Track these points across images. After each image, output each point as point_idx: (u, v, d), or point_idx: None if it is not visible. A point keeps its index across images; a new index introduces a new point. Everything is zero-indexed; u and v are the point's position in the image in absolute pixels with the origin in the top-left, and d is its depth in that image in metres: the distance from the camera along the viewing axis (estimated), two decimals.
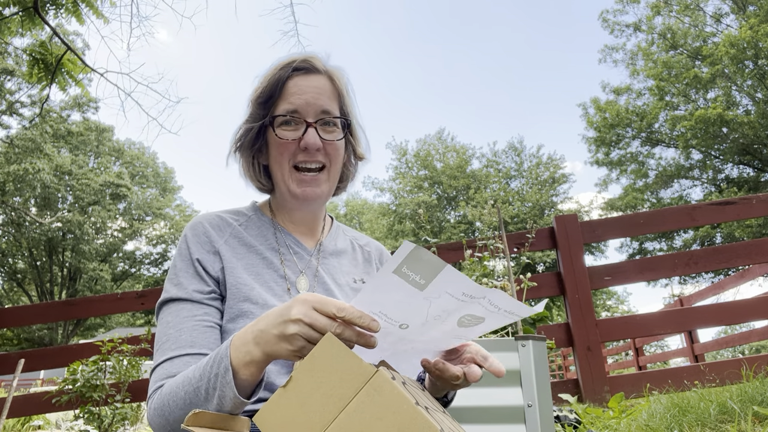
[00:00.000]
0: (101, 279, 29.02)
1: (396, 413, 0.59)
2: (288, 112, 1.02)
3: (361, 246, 1.23)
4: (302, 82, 1.04)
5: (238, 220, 1.11)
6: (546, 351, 1.70)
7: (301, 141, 1.03)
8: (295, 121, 1.03)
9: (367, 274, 1.18)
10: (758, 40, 19.73)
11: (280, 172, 1.06)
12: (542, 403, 1.52)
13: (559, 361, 12.74)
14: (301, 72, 1.05)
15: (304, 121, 1.03)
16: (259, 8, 13.08)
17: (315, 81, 1.05)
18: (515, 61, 58.39)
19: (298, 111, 1.03)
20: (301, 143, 1.03)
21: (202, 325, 0.96)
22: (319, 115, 1.04)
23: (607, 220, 3.93)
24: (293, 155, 1.04)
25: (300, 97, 1.03)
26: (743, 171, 23.21)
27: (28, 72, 5.19)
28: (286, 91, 1.04)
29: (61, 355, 4.24)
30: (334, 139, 1.06)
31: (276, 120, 1.04)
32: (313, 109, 1.03)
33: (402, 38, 62.64)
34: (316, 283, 1.08)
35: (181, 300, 0.98)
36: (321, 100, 1.04)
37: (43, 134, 23.09)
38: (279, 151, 1.04)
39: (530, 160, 31.81)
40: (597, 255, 29.81)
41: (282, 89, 1.04)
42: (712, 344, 5.98)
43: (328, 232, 1.19)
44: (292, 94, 1.03)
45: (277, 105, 1.04)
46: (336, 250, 1.16)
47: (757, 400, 2.05)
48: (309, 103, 1.03)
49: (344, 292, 1.11)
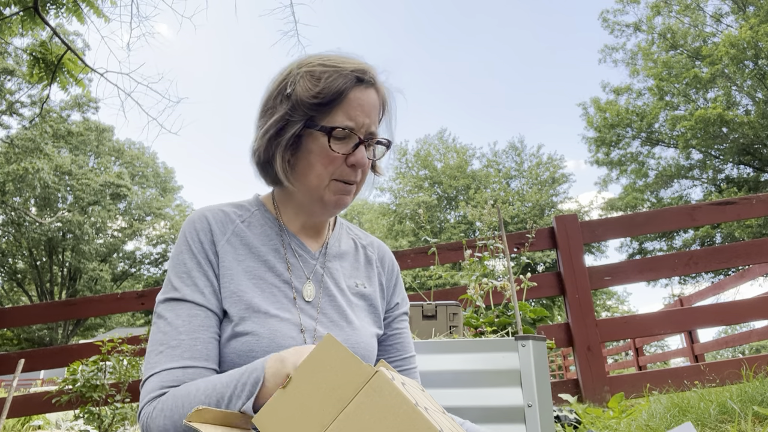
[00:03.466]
0: (101, 279, 29.03)
1: (396, 414, 0.59)
2: (347, 127, 0.99)
3: (363, 246, 1.20)
4: (363, 97, 1.00)
5: (241, 216, 1.07)
6: (546, 351, 1.70)
7: (349, 157, 1.00)
8: (348, 135, 1.00)
9: (368, 278, 1.16)
10: (758, 40, 19.72)
11: (317, 182, 1.01)
12: (542, 403, 1.52)
13: (559, 361, 12.74)
14: (363, 85, 1.01)
15: (357, 137, 1.00)
16: (259, 8, 13.07)
17: (372, 97, 1.02)
18: (516, 61, 58.42)
19: (354, 128, 1.00)
20: (350, 159, 1.00)
21: (215, 339, 0.94)
22: (368, 134, 1.02)
23: (607, 220, 3.93)
24: (338, 168, 1.01)
25: (359, 114, 0.99)
26: (743, 171, 23.21)
27: (29, 72, 5.19)
28: (347, 103, 0.99)
29: (61, 355, 4.24)
30: (372, 158, 1.05)
31: (333, 132, 0.99)
32: (366, 128, 1.01)
33: (402, 38, 62.68)
34: (321, 290, 1.06)
35: (196, 305, 0.94)
36: (373, 118, 1.02)
37: (43, 134, 23.07)
38: (323, 163, 1.00)
39: (530, 160, 31.82)
40: (597, 255, 29.82)
41: (343, 99, 0.99)
42: (712, 344, 5.98)
43: (332, 232, 1.16)
44: (353, 108, 0.99)
45: (335, 114, 0.99)
46: (339, 253, 1.14)
47: (757, 400, 2.05)
48: (365, 121, 1.00)
49: (346, 298, 1.08)
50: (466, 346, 1.74)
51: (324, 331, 1.01)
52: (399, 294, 1.21)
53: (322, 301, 1.05)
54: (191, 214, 1.05)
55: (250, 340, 0.93)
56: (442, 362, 1.72)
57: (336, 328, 1.03)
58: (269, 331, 0.95)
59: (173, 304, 0.94)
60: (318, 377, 0.62)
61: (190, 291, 0.95)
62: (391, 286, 1.20)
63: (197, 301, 0.94)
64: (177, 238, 1.12)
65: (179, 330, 0.91)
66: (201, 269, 0.97)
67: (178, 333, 0.91)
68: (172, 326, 0.92)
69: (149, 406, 0.86)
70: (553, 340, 3.24)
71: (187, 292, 0.95)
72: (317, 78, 0.99)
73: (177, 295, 0.95)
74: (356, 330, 1.05)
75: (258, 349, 0.93)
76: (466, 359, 1.70)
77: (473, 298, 2.67)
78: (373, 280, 1.17)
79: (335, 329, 1.03)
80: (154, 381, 0.88)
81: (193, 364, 0.89)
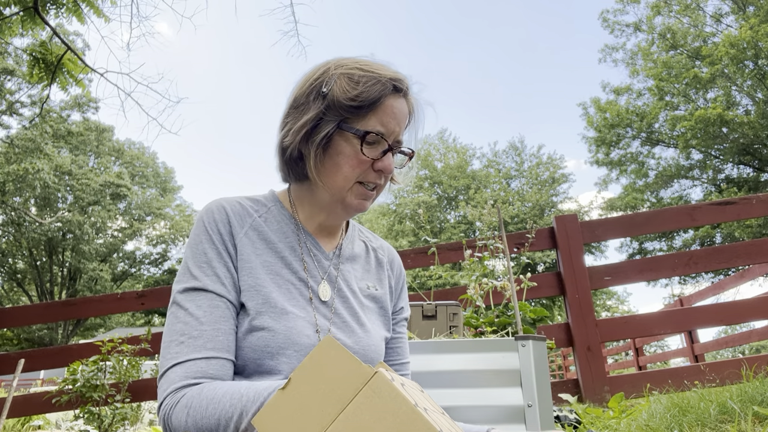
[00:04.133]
0: (101, 279, 29.03)
1: (395, 415, 0.59)
2: (379, 133, 1.00)
3: (374, 249, 1.21)
4: (397, 104, 1.02)
5: (258, 211, 1.07)
6: (546, 351, 1.70)
7: (377, 162, 1.01)
8: (378, 141, 1.02)
9: (379, 281, 1.17)
10: (758, 40, 19.72)
11: (342, 183, 1.02)
12: (542, 403, 1.52)
13: (559, 361, 12.74)
14: (398, 94, 1.03)
15: (387, 143, 1.02)
16: (259, 8, 13.08)
17: (403, 107, 1.04)
18: (516, 61, 58.42)
19: (385, 134, 1.01)
20: (377, 165, 1.01)
21: (234, 332, 0.94)
22: (395, 142, 1.03)
23: (607, 220, 3.93)
24: (364, 172, 1.02)
25: (391, 122, 1.01)
26: (743, 171, 23.21)
27: (29, 72, 5.19)
28: (382, 110, 1.00)
29: (61, 355, 4.24)
30: (398, 167, 1.08)
31: (367, 137, 1.00)
32: (395, 136, 1.03)
33: (402, 38, 62.68)
34: (335, 291, 1.06)
35: (217, 295, 0.94)
36: (402, 127, 1.04)
37: (43, 134, 23.07)
38: (352, 165, 1.01)
39: (530, 160, 31.83)
40: (597, 255, 29.82)
41: (379, 106, 1.00)
42: (712, 344, 5.98)
43: (346, 234, 1.17)
44: (386, 115, 1.01)
45: (369, 119, 1.00)
46: (352, 255, 1.15)
47: (757, 400, 2.05)
48: (396, 129, 1.02)
49: (359, 300, 1.09)
50: (466, 346, 1.74)
51: (338, 332, 1.02)
52: (403, 299, 1.22)
53: (336, 302, 1.05)
54: (208, 203, 1.05)
55: (265, 335, 0.93)
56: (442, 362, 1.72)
57: (349, 329, 1.04)
58: (285, 327, 0.94)
59: (194, 294, 0.94)
60: (317, 378, 0.62)
61: (210, 281, 0.94)
62: (398, 289, 1.21)
63: (218, 291, 0.94)
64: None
65: (201, 320, 0.91)
66: (221, 259, 0.97)
67: (199, 323, 0.91)
68: (192, 316, 0.92)
69: (172, 397, 0.85)
70: (553, 340, 3.24)
71: (208, 282, 0.94)
72: (356, 81, 0.99)
73: (198, 284, 0.94)
74: (368, 332, 1.06)
75: (273, 345, 0.93)
76: (466, 359, 1.70)
77: (473, 298, 2.67)
78: (384, 282, 1.18)
79: (348, 331, 1.04)
80: (178, 372, 0.87)
81: (215, 355, 0.89)
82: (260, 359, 0.92)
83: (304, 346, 0.95)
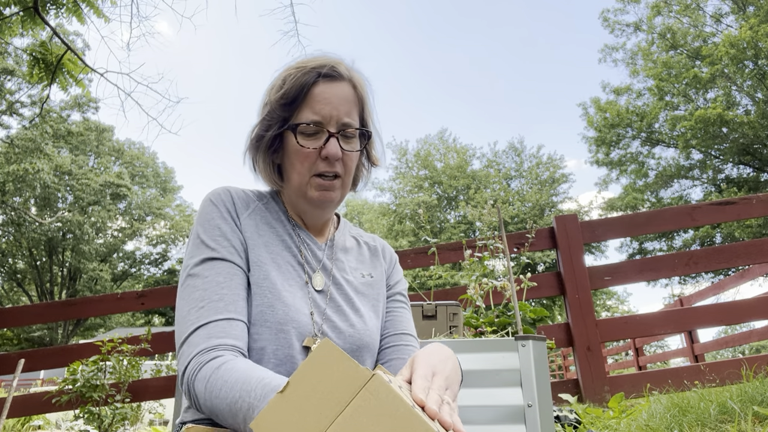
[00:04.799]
0: (101, 279, 29.03)
1: (393, 416, 0.59)
2: (312, 122, 1.01)
3: (366, 242, 1.23)
4: (328, 90, 1.03)
5: (261, 200, 1.11)
6: (546, 351, 1.70)
7: (322, 150, 1.02)
8: (318, 130, 1.02)
9: (374, 269, 1.18)
10: (758, 40, 19.72)
11: (298, 179, 1.05)
12: (542, 403, 1.52)
13: (559, 361, 12.74)
14: (327, 79, 1.04)
15: (326, 130, 1.02)
16: (259, 8, 13.09)
17: (339, 89, 1.04)
18: (516, 61, 58.43)
19: (321, 122, 1.02)
20: (323, 153, 1.02)
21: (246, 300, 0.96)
22: (340, 126, 1.03)
23: (607, 220, 3.93)
24: (314, 164, 1.03)
25: (325, 107, 1.01)
26: (743, 171, 23.21)
27: (29, 72, 5.19)
28: (312, 98, 1.02)
29: (61, 355, 4.24)
30: (353, 150, 1.06)
31: (299, 128, 1.02)
32: (336, 120, 1.02)
33: (402, 38, 62.68)
34: (330, 279, 1.08)
35: (235, 265, 0.96)
36: (343, 109, 1.03)
37: (43, 134, 23.07)
38: (299, 160, 1.03)
39: (530, 160, 31.82)
40: (597, 255, 29.82)
41: (307, 95, 1.02)
42: (712, 344, 5.98)
43: (336, 229, 1.20)
44: (317, 102, 1.02)
45: (301, 111, 1.02)
46: (345, 247, 1.17)
47: (757, 400, 2.05)
48: (332, 113, 1.02)
49: (354, 287, 1.11)
50: (466, 346, 1.74)
51: (333, 316, 1.04)
52: (395, 276, 1.23)
53: (331, 289, 1.07)
54: (213, 189, 1.08)
55: (265, 310, 0.95)
56: None
57: (343, 314, 1.06)
58: (283, 304, 0.97)
59: (211, 263, 0.96)
60: (315, 381, 0.62)
61: (228, 252, 0.97)
62: (391, 269, 1.23)
63: (236, 261, 0.97)
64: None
65: (221, 285, 0.93)
66: (235, 233, 1.00)
67: (220, 288, 0.92)
68: (212, 282, 0.93)
69: (196, 360, 0.86)
70: (553, 340, 3.24)
71: (226, 253, 0.97)
72: (283, 80, 1.04)
73: (215, 254, 0.96)
74: (362, 317, 1.08)
75: (272, 320, 0.95)
76: (466, 359, 1.70)
77: (473, 298, 2.67)
78: (378, 269, 1.19)
79: (343, 315, 1.05)
80: (200, 334, 0.88)
81: (237, 317, 0.91)
82: (258, 334, 0.94)
83: (301, 325, 0.98)
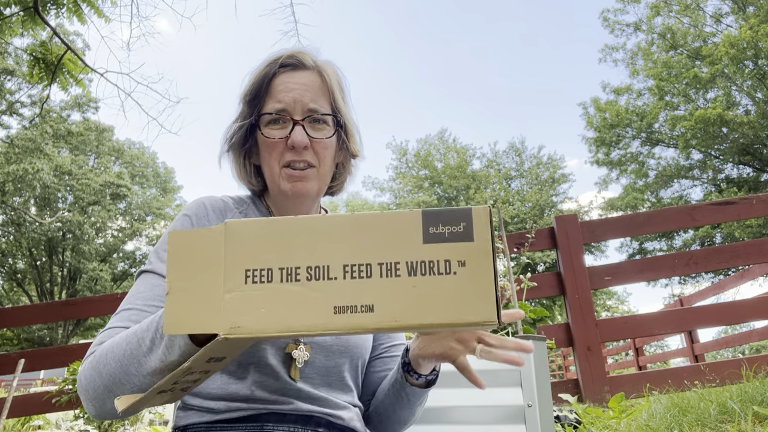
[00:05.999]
0: (101, 279, 29.02)
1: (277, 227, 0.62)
2: (275, 110, 1.01)
3: None
4: (289, 79, 1.02)
5: (239, 207, 1.10)
6: (546, 351, 1.70)
7: (288, 139, 1.01)
8: (283, 119, 1.01)
9: None
10: (758, 40, 19.72)
11: (269, 172, 1.04)
12: (542, 403, 1.52)
13: (559, 361, 12.75)
14: (289, 68, 1.03)
15: (291, 119, 1.01)
16: (259, 8, 13.08)
17: (303, 77, 1.03)
18: (516, 61, 58.43)
19: (285, 109, 1.01)
20: (288, 142, 1.00)
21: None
22: (306, 112, 1.02)
23: (607, 220, 3.93)
24: (281, 155, 1.02)
25: (287, 95, 1.01)
26: (743, 171, 23.20)
27: (29, 72, 5.19)
28: (273, 88, 1.02)
29: (61, 355, 4.24)
30: (323, 137, 1.03)
31: (262, 119, 1.02)
32: (301, 107, 1.01)
33: (402, 39, 62.69)
34: None
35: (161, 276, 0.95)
36: (308, 96, 1.02)
37: (43, 134, 23.07)
38: (267, 151, 1.03)
39: (531, 160, 31.81)
40: (597, 255, 29.80)
41: (268, 87, 1.02)
42: (712, 344, 5.99)
43: None
44: (279, 92, 1.01)
45: (265, 103, 1.03)
46: None
47: (757, 400, 2.05)
48: (296, 100, 1.01)
49: None
50: None
51: None
52: None
53: None
54: (192, 200, 1.08)
55: None
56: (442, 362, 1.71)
57: None
58: None
59: (144, 275, 0.97)
60: (187, 264, 0.62)
61: (161, 265, 0.97)
62: None
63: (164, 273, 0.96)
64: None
65: (138, 297, 0.93)
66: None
67: (135, 299, 0.93)
68: (134, 293, 0.95)
69: (85, 360, 0.87)
70: (553, 340, 3.24)
71: (158, 266, 0.97)
72: (250, 77, 1.05)
73: (149, 267, 0.98)
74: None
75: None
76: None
77: None
78: None
79: None
80: (98, 337, 0.89)
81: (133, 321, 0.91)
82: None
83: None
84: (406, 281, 0.59)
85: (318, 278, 0.59)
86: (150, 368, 0.75)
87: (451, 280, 0.58)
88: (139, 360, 0.76)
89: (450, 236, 0.59)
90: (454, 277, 0.58)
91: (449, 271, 0.58)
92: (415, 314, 0.58)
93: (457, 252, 0.59)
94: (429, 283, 0.58)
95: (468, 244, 0.59)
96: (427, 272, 0.59)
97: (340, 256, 0.59)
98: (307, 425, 0.94)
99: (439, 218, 0.60)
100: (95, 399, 0.81)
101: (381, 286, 0.59)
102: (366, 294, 0.59)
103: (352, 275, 0.59)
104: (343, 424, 1.00)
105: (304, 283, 0.59)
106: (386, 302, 0.59)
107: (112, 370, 0.78)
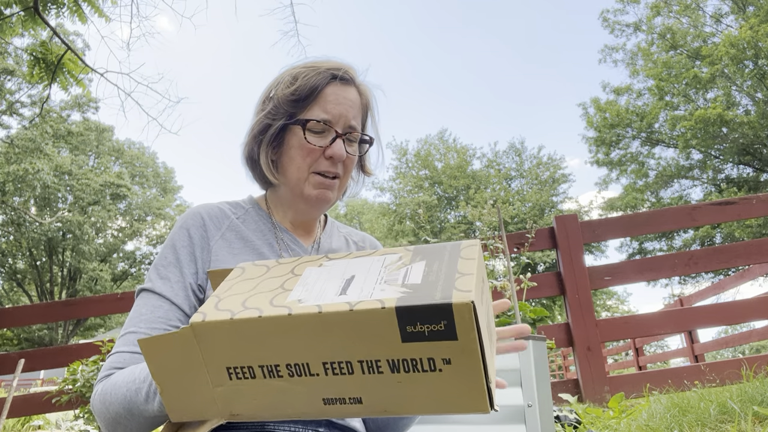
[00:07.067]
0: (101, 279, 29.01)
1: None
2: (322, 120, 1.03)
3: (355, 242, 1.24)
4: (340, 92, 1.05)
5: (236, 213, 1.10)
6: (546, 351, 1.70)
7: (327, 149, 1.03)
8: (325, 129, 1.04)
9: None
10: (758, 40, 19.72)
11: (297, 175, 1.05)
12: (542, 403, 1.52)
13: (559, 361, 12.74)
14: (341, 81, 1.06)
15: (334, 131, 1.04)
16: (259, 8, 13.07)
17: (350, 94, 1.06)
18: (517, 61, 58.43)
19: (330, 120, 1.03)
20: (327, 152, 1.03)
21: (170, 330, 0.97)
22: (347, 128, 1.05)
23: (607, 220, 3.93)
24: (316, 161, 1.04)
25: (335, 107, 1.03)
26: (743, 171, 23.20)
27: (29, 72, 5.19)
28: (323, 98, 1.04)
29: (61, 355, 4.24)
30: (354, 154, 1.08)
31: (308, 124, 1.03)
32: (344, 122, 1.04)
33: (403, 39, 62.69)
34: None
35: (162, 297, 0.97)
36: (352, 113, 1.05)
37: (43, 134, 23.06)
38: (301, 155, 1.04)
39: (531, 160, 31.81)
40: (597, 255, 29.79)
41: (319, 94, 1.04)
42: (712, 344, 5.99)
43: (324, 229, 1.20)
44: (328, 102, 1.04)
45: (311, 109, 1.04)
46: (331, 249, 1.17)
47: (757, 400, 2.05)
48: (342, 114, 1.04)
49: None
50: None
51: None
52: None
53: None
54: (186, 210, 1.09)
55: None
56: None
57: None
58: None
59: (145, 294, 0.99)
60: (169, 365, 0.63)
61: (161, 284, 0.98)
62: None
63: (164, 293, 0.98)
64: (169, 234, 1.14)
65: (141, 319, 0.95)
66: (178, 265, 1.01)
67: (139, 321, 0.95)
68: (137, 314, 0.96)
69: (97, 385, 0.90)
70: (553, 340, 3.24)
71: (158, 285, 0.98)
72: (295, 78, 1.05)
73: (149, 286, 0.99)
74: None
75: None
76: None
77: None
78: None
79: None
80: (107, 362, 0.92)
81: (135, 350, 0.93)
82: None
83: None
84: (390, 377, 0.56)
85: (300, 374, 0.58)
86: (151, 414, 0.80)
87: (437, 376, 0.55)
88: (139, 407, 0.80)
89: (431, 335, 0.54)
90: (440, 374, 0.55)
91: (434, 368, 0.55)
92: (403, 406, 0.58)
93: (441, 350, 0.54)
94: (414, 379, 0.56)
95: (452, 343, 0.54)
96: (410, 369, 0.55)
97: (316, 354, 0.57)
98: (307, 425, 0.94)
99: (415, 317, 0.53)
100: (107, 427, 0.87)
101: (365, 381, 0.57)
102: (351, 388, 0.57)
103: (334, 372, 0.57)
104: (343, 424, 1.00)
105: (287, 379, 0.58)
106: (373, 395, 0.58)
107: (117, 409, 0.83)
